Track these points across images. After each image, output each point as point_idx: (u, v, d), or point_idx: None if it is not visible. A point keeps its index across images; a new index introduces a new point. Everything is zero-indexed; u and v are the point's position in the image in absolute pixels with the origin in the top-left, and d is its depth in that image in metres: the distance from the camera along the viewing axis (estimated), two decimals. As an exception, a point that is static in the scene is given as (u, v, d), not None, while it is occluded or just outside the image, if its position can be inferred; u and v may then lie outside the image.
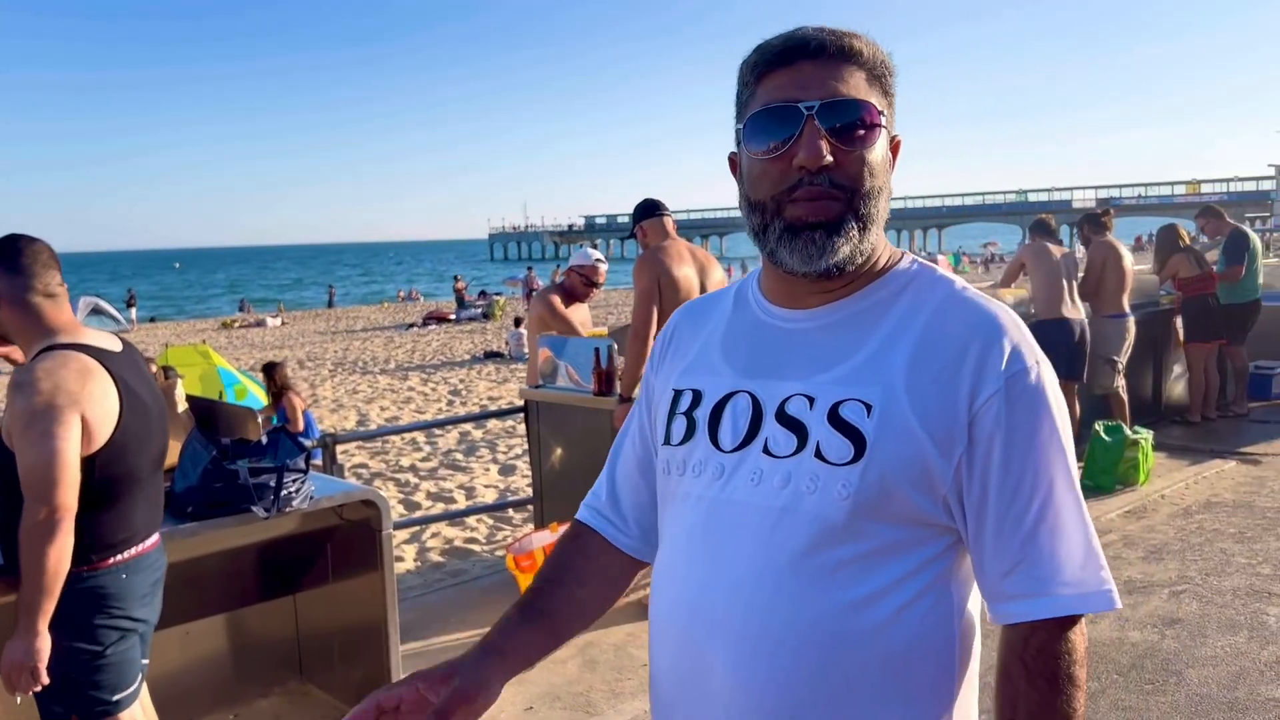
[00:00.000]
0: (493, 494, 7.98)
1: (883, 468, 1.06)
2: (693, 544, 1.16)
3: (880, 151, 1.11)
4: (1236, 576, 4.67)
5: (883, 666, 1.07)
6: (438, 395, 14.09)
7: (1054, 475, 1.07)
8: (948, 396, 1.06)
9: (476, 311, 30.47)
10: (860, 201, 1.10)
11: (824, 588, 1.07)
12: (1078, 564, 1.06)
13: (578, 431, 4.96)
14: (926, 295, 1.13)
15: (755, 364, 1.17)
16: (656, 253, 4.62)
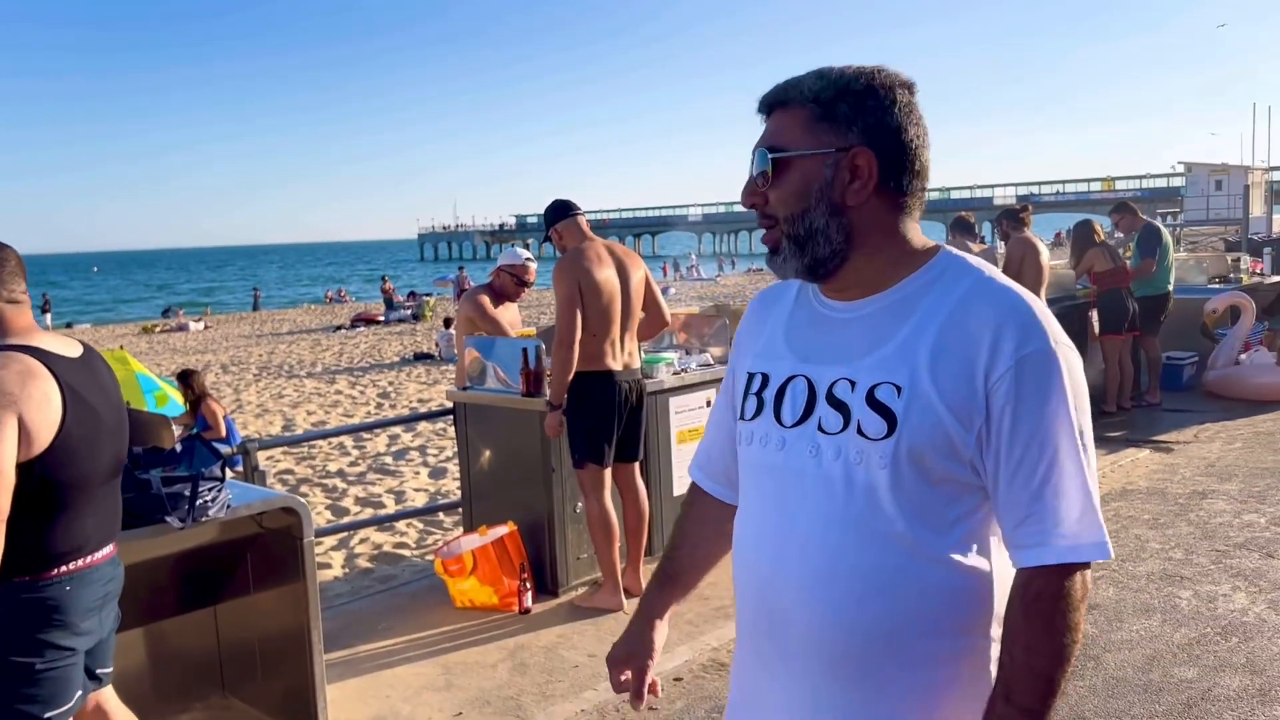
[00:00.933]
0: (423, 498, 7.88)
1: (912, 440, 1.26)
2: (766, 507, 1.39)
3: (793, 182, 1.33)
4: (1150, 562, 4.82)
5: (934, 604, 1.28)
6: (366, 398, 13.88)
7: (1059, 444, 1.23)
8: (966, 376, 1.25)
9: (406, 313, 30.07)
10: (790, 226, 1.34)
11: (878, 541, 1.28)
12: (1074, 519, 1.24)
13: (506, 433, 4.92)
14: (953, 285, 1.31)
15: (810, 350, 1.38)
16: (575, 256, 4.46)
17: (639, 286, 4.64)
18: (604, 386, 4.50)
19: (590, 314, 4.44)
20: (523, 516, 4.82)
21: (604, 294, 4.45)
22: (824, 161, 1.32)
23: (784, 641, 1.36)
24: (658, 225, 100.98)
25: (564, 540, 4.79)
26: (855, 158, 1.32)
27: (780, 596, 1.35)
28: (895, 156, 1.33)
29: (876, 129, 1.32)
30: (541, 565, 4.80)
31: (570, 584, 4.82)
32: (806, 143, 1.33)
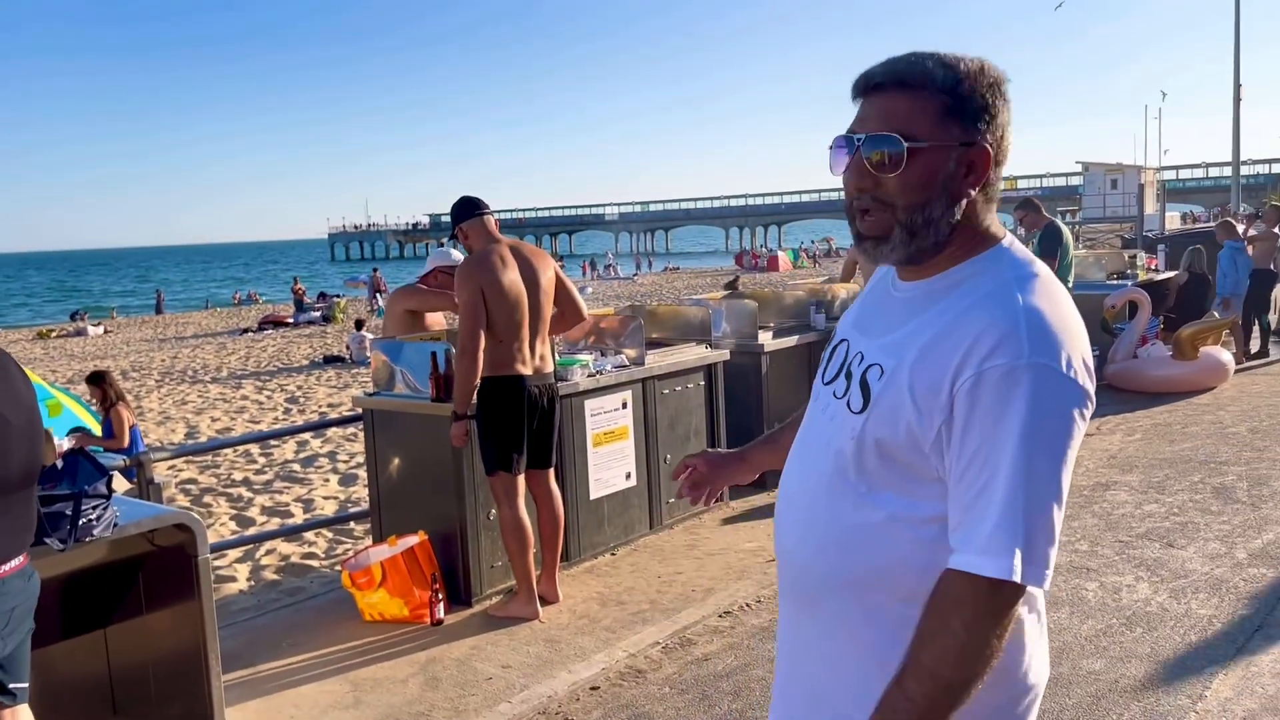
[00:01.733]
0: (333, 505, 7.67)
1: (876, 421, 1.33)
2: (795, 449, 1.53)
3: (922, 171, 1.32)
4: (1058, 554, 4.91)
5: (885, 570, 1.35)
6: (274, 403, 13.50)
7: (1000, 461, 1.23)
8: (938, 377, 1.28)
9: (316, 315, 29.42)
10: (906, 214, 1.34)
11: (842, 503, 1.38)
12: (986, 535, 1.23)
13: (416, 440, 4.79)
14: (974, 288, 1.34)
15: (862, 321, 1.48)
16: (478, 260, 4.33)
17: (549, 286, 4.53)
18: (513, 392, 4.40)
19: (496, 319, 4.33)
20: (434, 525, 4.69)
21: (509, 298, 4.34)
22: (949, 155, 1.33)
23: (786, 581, 1.51)
24: (575, 224, 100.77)
25: (477, 549, 4.68)
26: (976, 154, 1.34)
27: (782, 539, 1.50)
28: (1000, 153, 1.37)
29: (995, 127, 1.35)
30: (454, 575, 4.68)
31: (484, 593, 4.71)
32: (938, 135, 1.32)
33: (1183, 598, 4.26)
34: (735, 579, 4.84)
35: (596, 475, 5.22)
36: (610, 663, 4.02)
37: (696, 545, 5.38)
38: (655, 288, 36.18)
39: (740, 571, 4.94)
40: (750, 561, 5.07)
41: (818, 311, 7.01)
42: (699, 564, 5.09)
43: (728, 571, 4.95)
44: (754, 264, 49.38)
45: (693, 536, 5.53)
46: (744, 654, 4.04)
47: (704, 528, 5.69)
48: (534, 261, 4.49)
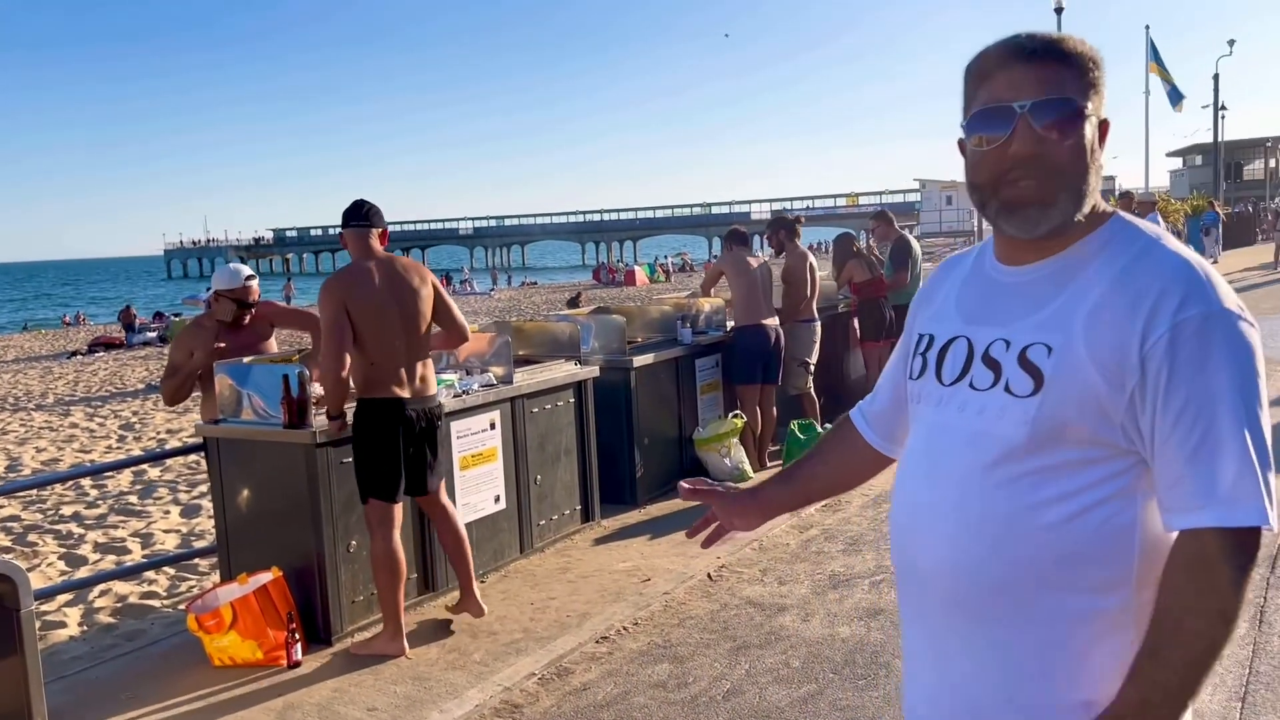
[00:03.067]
0: (175, 541, 7.16)
1: (1057, 398, 1.28)
2: (917, 459, 1.45)
3: (1087, 136, 1.32)
4: (925, 562, 4.99)
5: (1057, 560, 1.28)
6: (106, 431, 12.60)
7: (1216, 408, 1.21)
8: (1120, 339, 1.25)
9: (152, 335, 27.83)
10: (1072, 180, 1.32)
11: (1008, 493, 1.31)
12: (1229, 484, 1.21)
13: (267, 468, 4.47)
14: (1120, 251, 1.32)
15: (976, 313, 1.43)
16: (341, 277, 4.16)
17: (426, 303, 4.31)
18: (391, 416, 4.19)
19: (367, 340, 4.12)
20: (289, 559, 4.39)
21: (379, 316, 4.13)
22: (1091, 125, 1.34)
23: (917, 585, 1.43)
24: (428, 239, 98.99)
25: (337, 583, 4.40)
26: (1104, 126, 1.37)
27: (918, 546, 1.41)
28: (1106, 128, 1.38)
29: (1101, 99, 1.36)
30: (312, 612, 4.39)
31: (345, 630, 4.43)
32: (1087, 105, 1.33)
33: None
34: (611, 601, 4.72)
35: (464, 500, 5.00)
36: (484, 699, 3.82)
37: (569, 568, 5.23)
38: (513, 303, 35.82)
39: (615, 594, 4.82)
40: (625, 583, 4.96)
41: (684, 325, 6.98)
42: (573, 588, 4.94)
43: (602, 594, 4.82)
44: (611, 278, 49.57)
45: (565, 559, 5.38)
46: (623, 681, 3.91)
47: (576, 549, 5.54)
48: (408, 277, 4.28)
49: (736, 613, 4.52)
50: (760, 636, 4.23)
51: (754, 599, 4.67)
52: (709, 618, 4.48)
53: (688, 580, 4.93)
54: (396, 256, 4.40)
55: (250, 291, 4.80)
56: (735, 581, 4.93)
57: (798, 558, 5.24)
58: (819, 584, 4.81)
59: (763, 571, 5.05)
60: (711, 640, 4.23)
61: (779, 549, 5.40)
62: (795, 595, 4.68)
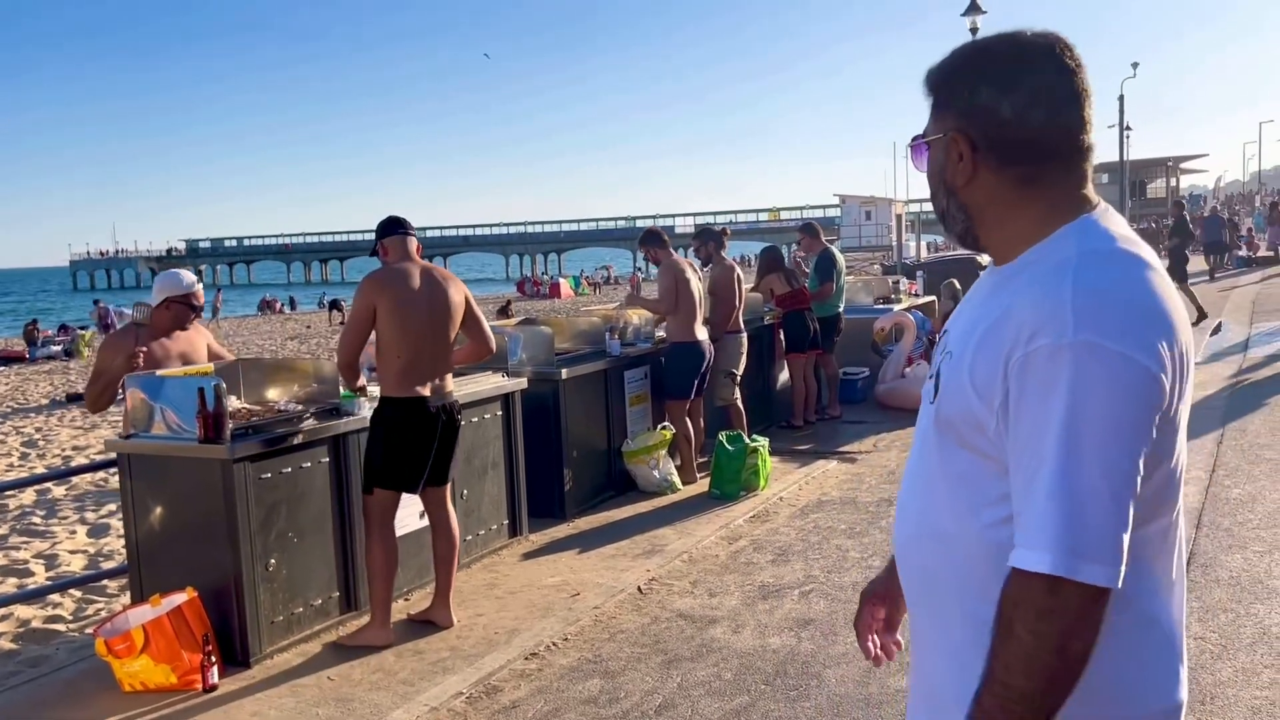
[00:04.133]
0: (81, 561, 6.86)
1: (944, 407, 1.32)
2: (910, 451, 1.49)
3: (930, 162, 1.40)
4: (853, 571, 5.03)
5: (966, 567, 1.31)
6: (8, 449, 12.06)
7: (1046, 446, 1.17)
8: (995, 360, 1.24)
9: (56, 349, 26.80)
10: (937, 203, 1.41)
11: (934, 495, 1.36)
12: (1040, 526, 1.16)
13: (181, 485, 4.30)
14: (1037, 268, 1.29)
15: (961, 310, 1.44)
16: (381, 275, 4.37)
17: (457, 312, 4.53)
18: (412, 413, 4.38)
19: (397, 337, 4.30)
20: (205, 579, 4.22)
21: (410, 318, 4.34)
22: (938, 147, 1.37)
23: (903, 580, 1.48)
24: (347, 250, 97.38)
25: (255, 603, 4.25)
26: (954, 140, 1.34)
27: (895, 537, 1.49)
28: (994, 133, 1.32)
29: (974, 110, 1.33)
30: (229, 633, 4.23)
31: (264, 652, 4.28)
32: (931, 129, 1.39)
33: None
34: (540, 617, 4.65)
35: (389, 515, 4.88)
36: (409, 719, 3.72)
37: (497, 584, 5.14)
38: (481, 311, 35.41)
39: (544, 609, 4.75)
40: (554, 598, 4.89)
41: (612, 337, 6.94)
42: (500, 604, 4.86)
43: (531, 610, 4.75)
44: (536, 290, 49.37)
45: (492, 575, 5.29)
46: (554, 698, 3.85)
47: (503, 564, 5.45)
48: (445, 285, 4.49)
49: (667, 626, 4.49)
50: (691, 649, 4.21)
51: (685, 611, 4.65)
52: (639, 631, 4.44)
53: (617, 594, 4.88)
54: (435, 265, 4.65)
55: (195, 295, 4.82)
56: (665, 594, 4.90)
57: (727, 569, 5.23)
58: (749, 595, 4.81)
59: (693, 584, 5.03)
60: (642, 654, 4.19)
61: (708, 560, 5.39)
62: (726, 607, 4.67)
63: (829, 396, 9.53)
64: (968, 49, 1.37)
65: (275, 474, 4.36)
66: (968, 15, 20.98)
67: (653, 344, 7.26)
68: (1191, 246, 17.68)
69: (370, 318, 4.29)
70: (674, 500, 6.62)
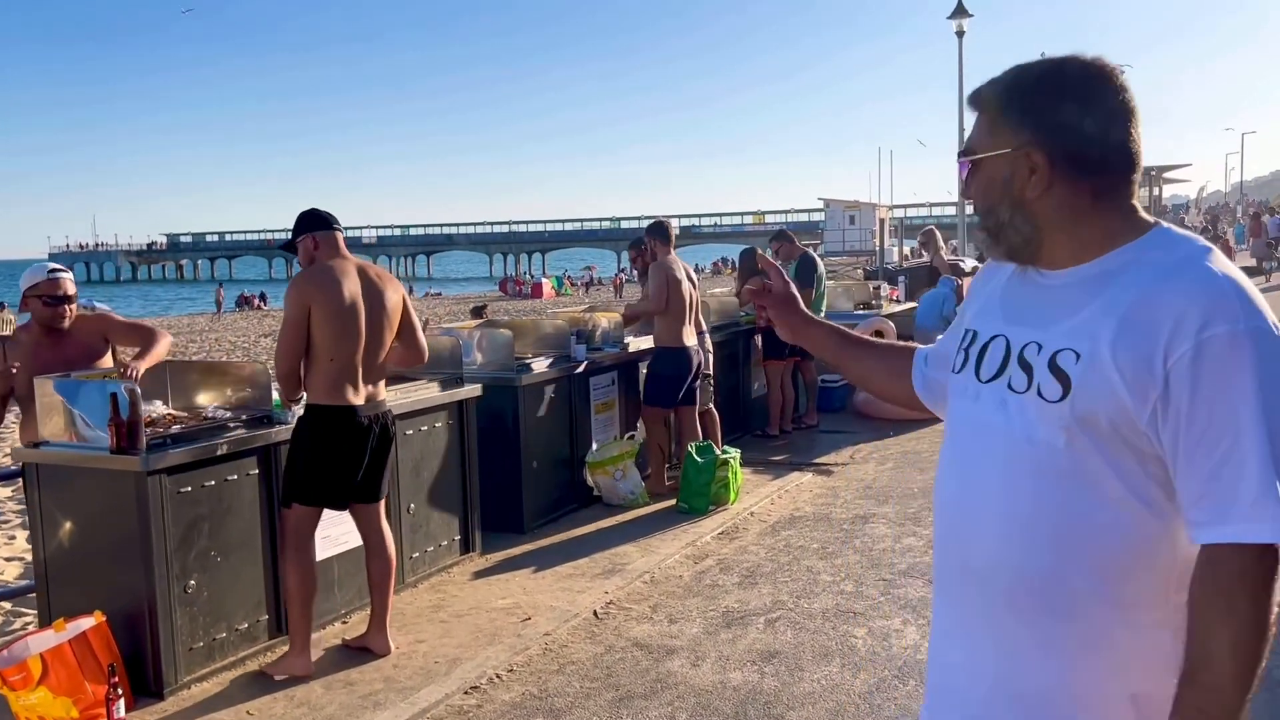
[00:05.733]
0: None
1: (1084, 405, 1.31)
2: (960, 455, 1.49)
3: (982, 181, 1.45)
4: (824, 597, 4.71)
5: (1102, 562, 1.33)
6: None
7: (1240, 425, 1.24)
8: (1145, 352, 1.28)
9: None
10: (987, 217, 1.46)
11: (1050, 496, 1.35)
12: (1248, 502, 1.23)
13: (93, 499, 3.94)
14: (1156, 262, 1.34)
15: (1016, 312, 1.46)
16: (315, 274, 4.01)
17: (394, 312, 4.18)
18: (342, 422, 4.01)
19: (329, 341, 3.95)
20: (116, 602, 3.86)
21: (344, 319, 3.98)
22: (1004, 162, 1.41)
23: (969, 581, 1.45)
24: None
25: (171, 628, 3.89)
26: (1030, 156, 1.39)
27: (966, 539, 1.45)
28: (1072, 148, 1.38)
29: (1050, 125, 1.38)
30: (141, 662, 3.87)
31: (180, 682, 3.92)
32: (989, 145, 1.43)
33: (950, 641, 4.12)
34: (485, 644, 4.30)
35: (324, 532, 4.49)
36: (332, 762, 3.38)
37: (443, 605, 4.80)
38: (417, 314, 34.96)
39: (491, 635, 4.40)
40: (503, 622, 4.55)
41: (579, 341, 6.60)
42: (444, 628, 4.51)
43: (477, 636, 4.40)
44: (518, 290, 48.99)
45: (439, 595, 4.94)
46: (492, 739, 3.51)
47: (453, 584, 5.11)
48: (382, 285, 4.17)
49: (621, 656, 4.15)
50: (646, 684, 3.87)
51: (641, 640, 4.31)
52: (591, 663, 4.10)
53: (571, 619, 4.55)
54: (369, 263, 4.27)
55: (59, 285, 4.19)
56: (623, 620, 4.57)
57: (690, 591, 4.90)
58: (711, 622, 4.48)
59: (653, 608, 4.70)
60: (593, 689, 3.85)
61: (671, 582, 5.06)
62: (686, 635, 4.34)
63: (807, 405, 9.23)
64: (1036, 69, 1.42)
65: (197, 487, 4.00)
66: (954, 18, 20.79)
67: (621, 349, 6.92)
68: None
69: (307, 320, 3.95)
70: (639, 514, 6.29)
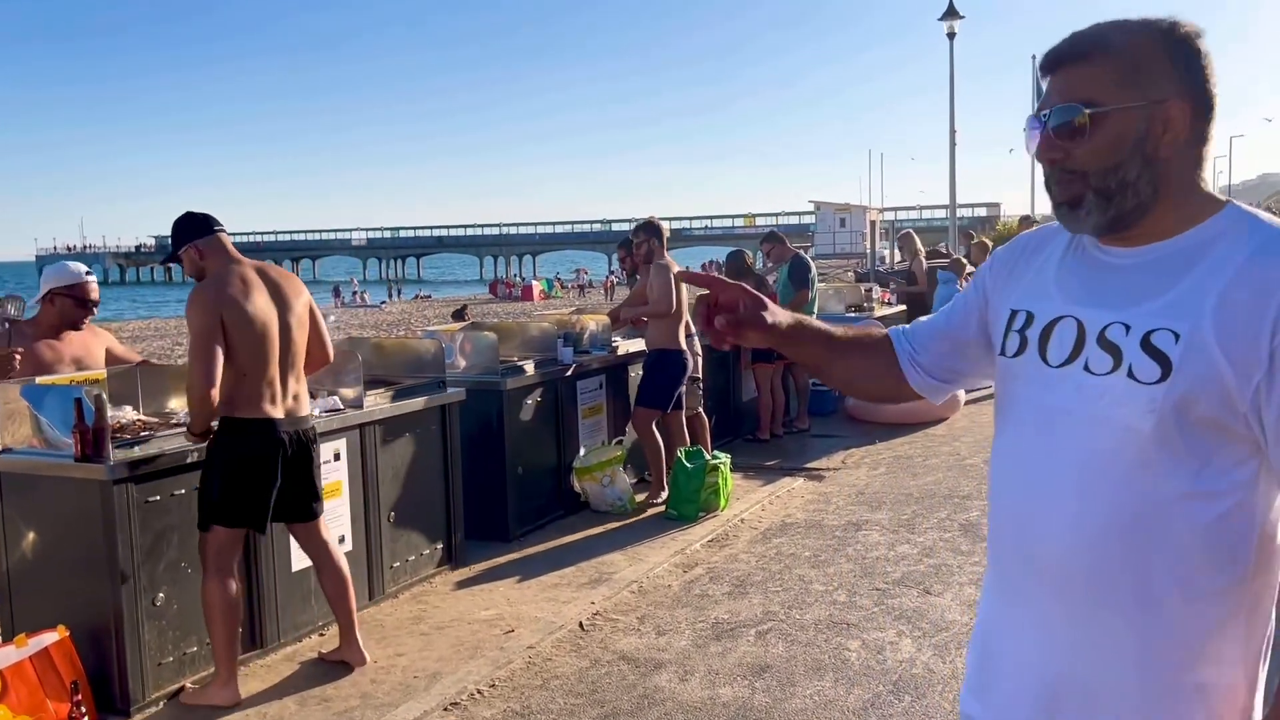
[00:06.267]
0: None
1: (1185, 387, 1.27)
2: (1026, 443, 1.42)
3: (1108, 135, 1.33)
4: (816, 607, 4.58)
5: (1188, 551, 1.30)
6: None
7: None
8: (1251, 330, 1.24)
9: None
10: (1098, 179, 1.34)
11: (1134, 483, 1.31)
12: None
13: (57, 510, 3.79)
14: (1247, 236, 1.30)
15: (1083, 293, 1.40)
16: (217, 282, 3.71)
17: (303, 315, 3.92)
18: (259, 437, 3.76)
19: (240, 350, 3.68)
20: (80, 617, 3.71)
21: (256, 326, 3.72)
22: (1137, 116, 1.33)
23: (1035, 571, 1.39)
24: (318, 249, 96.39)
25: (138, 643, 3.74)
26: (1171, 110, 1.32)
27: (1034, 528, 1.39)
28: (1203, 106, 1.34)
29: (1189, 82, 1.33)
30: (106, 679, 3.72)
31: (148, 699, 3.77)
32: (1120, 97, 1.33)
33: (947, 655, 3.99)
34: (467, 658, 4.16)
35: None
36: (304, 785, 3.23)
37: (424, 617, 4.65)
38: (404, 317, 34.78)
39: (473, 648, 4.26)
40: (485, 635, 4.40)
41: (566, 344, 6.46)
42: (425, 641, 4.37)
43: (458, 649, 4.26)
44: (508, 293, 48.82)
45: (420, 606, 4.80)
46: (472, 759, 3.37)
47: (434, 593, 4.96)
48: (285, 286, 3.91)
49: (608, 670, 4.02)
50: (632, 700, 3.74)
51: (628, 653, 4.18)
52: (576, 677, 3.96)
53: (556, 631, 4.41)
54: (268, 264, 4.00)
55: (91, 288, 4.30)
56: (609, 631, 4.43)
57: (679, 602, 4.76)
58: (701, 634, 4.34)
59: (640, 619, 4.56)
60: (577, 706, 3.72)
61: (659, 591, 4.92)
62: (674, 648, 4.20)
63: (798, 408, 9.11)
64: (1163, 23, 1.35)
65: (166, 496, 3.85)
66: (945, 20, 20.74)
67: (609, 352, 6.79)
68: None
69: (219, 332, 3.62)
70: (628, 521, 6.15)
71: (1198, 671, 1.31)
